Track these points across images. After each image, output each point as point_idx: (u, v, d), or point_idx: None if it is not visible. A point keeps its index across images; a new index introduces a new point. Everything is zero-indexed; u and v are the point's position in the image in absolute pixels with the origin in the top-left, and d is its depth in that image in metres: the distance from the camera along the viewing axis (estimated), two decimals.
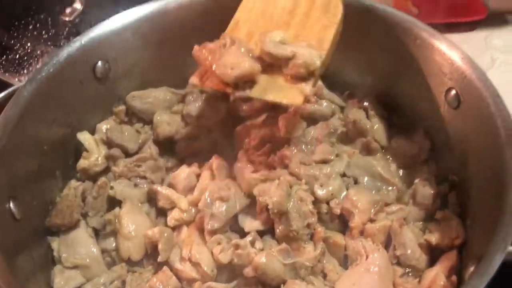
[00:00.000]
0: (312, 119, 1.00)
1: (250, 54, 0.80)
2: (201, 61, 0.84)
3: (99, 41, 0.96)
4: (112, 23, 0.98)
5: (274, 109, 1.01)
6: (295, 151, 0.95)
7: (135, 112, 1.03)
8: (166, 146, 1.02)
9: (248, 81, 0.80)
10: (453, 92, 0.86)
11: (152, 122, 1.02)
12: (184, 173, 0.93)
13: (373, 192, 0.90)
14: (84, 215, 0.91)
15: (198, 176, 0.94)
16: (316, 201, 0.87)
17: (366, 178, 0.93)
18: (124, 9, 0.99)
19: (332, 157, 0.94)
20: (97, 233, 0.91)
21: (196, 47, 0.84)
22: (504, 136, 0.76)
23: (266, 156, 0.97)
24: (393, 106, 1.03)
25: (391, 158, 0.98)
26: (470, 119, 0.85)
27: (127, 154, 0.97)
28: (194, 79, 0.85)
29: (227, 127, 1.01)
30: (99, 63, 0.96)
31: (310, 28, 0.86)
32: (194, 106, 1.03)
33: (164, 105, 1.04)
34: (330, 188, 0.88)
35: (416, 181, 0.93)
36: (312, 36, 0.84)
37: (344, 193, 0.89)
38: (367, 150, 0.98)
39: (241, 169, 0.90)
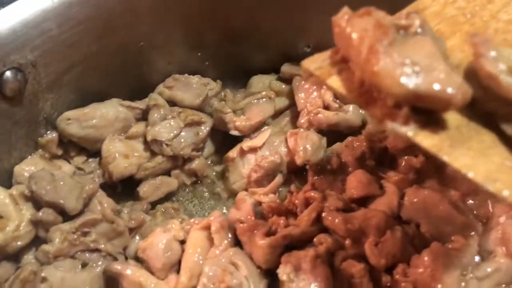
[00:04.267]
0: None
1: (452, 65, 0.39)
2: (345, 36, 0.40)
3: (5, 38, 0.60)
4: (26, 9, 0.62)
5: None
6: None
7: (73, 141, 0.69)
8: (125, 190, 0.68)
9: (431, 112, 0.37)
10: None
11: (99, 155, 0.68)
12: (159, 241, 0.59)
13: None
14: None
15: (182, 242, 0.60)
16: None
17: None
18: None
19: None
20: None
21: (345, 10, 0.40)
22: None
23: (275, 194, 0.68)
24: None
25: None
26: None
27: (66, 216, 0.61)
28: (308, 62, 0.42)
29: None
30: (8, 73, 0.61)
31: None
32: (164, 126, 0.69)
33: (116, 127, 0.70)
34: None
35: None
36: None
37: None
38: None
39: (249, 229, 0.58)
